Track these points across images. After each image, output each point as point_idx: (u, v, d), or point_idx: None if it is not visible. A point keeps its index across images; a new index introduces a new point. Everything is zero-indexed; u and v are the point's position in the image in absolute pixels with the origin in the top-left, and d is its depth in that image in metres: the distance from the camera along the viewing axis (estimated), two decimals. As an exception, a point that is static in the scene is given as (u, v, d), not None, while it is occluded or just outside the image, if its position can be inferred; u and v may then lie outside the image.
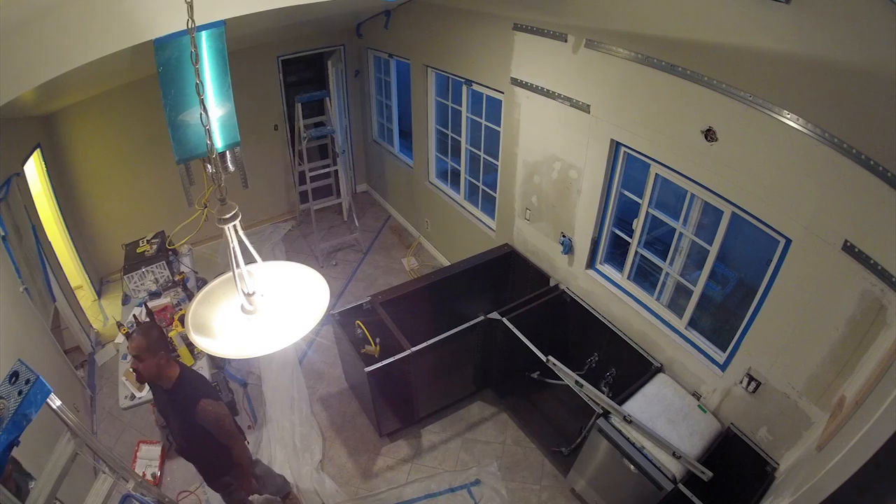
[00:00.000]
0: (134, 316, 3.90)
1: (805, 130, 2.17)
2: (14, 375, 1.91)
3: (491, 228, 4.87)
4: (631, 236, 3.47)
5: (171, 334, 3.60)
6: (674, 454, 2.71)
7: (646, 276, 3.62)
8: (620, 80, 3.04)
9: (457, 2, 4.16)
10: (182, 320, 3.70)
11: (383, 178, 6.91)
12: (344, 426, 4.14)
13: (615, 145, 3.28)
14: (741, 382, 2.84)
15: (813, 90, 2.12)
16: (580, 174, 3.57)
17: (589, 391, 3.09)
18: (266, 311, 1.47)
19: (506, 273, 4.58)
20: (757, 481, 2.73)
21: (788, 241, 2.44)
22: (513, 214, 4.42)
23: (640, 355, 3.48)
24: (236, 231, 1.42)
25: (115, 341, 4.21)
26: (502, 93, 4.06)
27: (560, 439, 3.77)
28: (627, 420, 2.90)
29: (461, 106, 4.75)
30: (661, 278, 3.39)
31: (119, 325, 3.71)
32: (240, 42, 4.84)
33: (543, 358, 3.41)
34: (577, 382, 3.15)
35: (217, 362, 4.07)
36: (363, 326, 3.82)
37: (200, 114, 1.34)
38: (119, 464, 2.33)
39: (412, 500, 3.59)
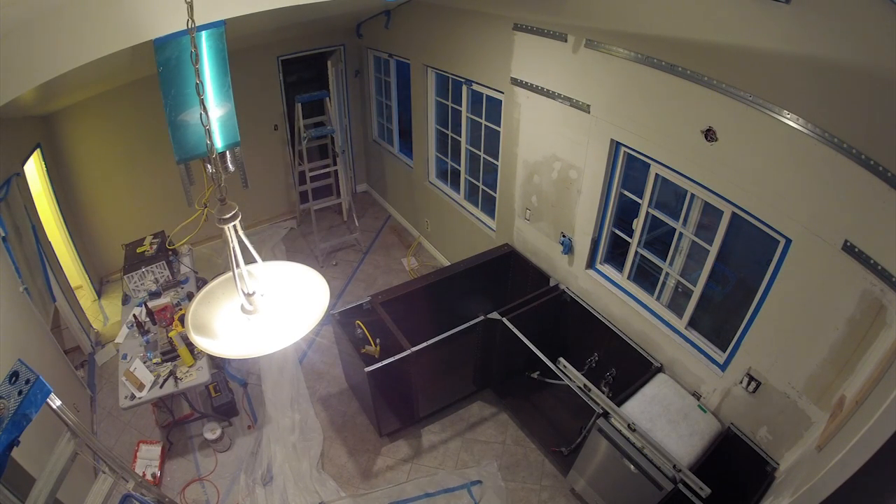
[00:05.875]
0: (134, 316, 3.91)
1: (805, 130, 2.17)
2: (14, 375, 1.91)
3: (491, 228, 4.87)
4: (631, 236, 3.47)
5: (171, 334, 3.61)
6: (674, 467, 2.70)
7: (646, 276, 3.62)
8: (620, 80, 3.04)
9: (457, 2, 4.16)
10: (182, 320, 3.70)
11: (383, 178, 6.91)
12: (344, 426, 4.14)
13: (615, 145, 3.28)
14: (741, 382, 2.84)
15: (813, 90, 2.12)
16: (580, 174, 3.57)
17: (596, 396, 3.08)
18: (266, 311, 1.47)
19: (506, 273, 4.57)
20: (757, 481, 2.73)
21: (788, 241, 2.44)
22: (513, 214, 4.42)
23: (640, 355, 3.48)
24: (236, 231, 1.42)
25: (115, 341, 4.21)
26: (502, 93, 4.06)
27: (560, 439, 3.77)
28: (632, 429, 2.89)
29: (461, 106, 4.75)
30: (661, 278, 3.39)
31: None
32: (240, 42, 4.84)
33: (548, 363, 3.41)
34: (584, 386, 3.15)
35: (217, 362, 4.08)
36: (363, 326, 3.82)
37: (200, 114, 1.34)
38: (119, 464, 2.33)
39: (412, 500, 3.59)
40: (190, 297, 4.12)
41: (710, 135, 2.61)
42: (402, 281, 5.25)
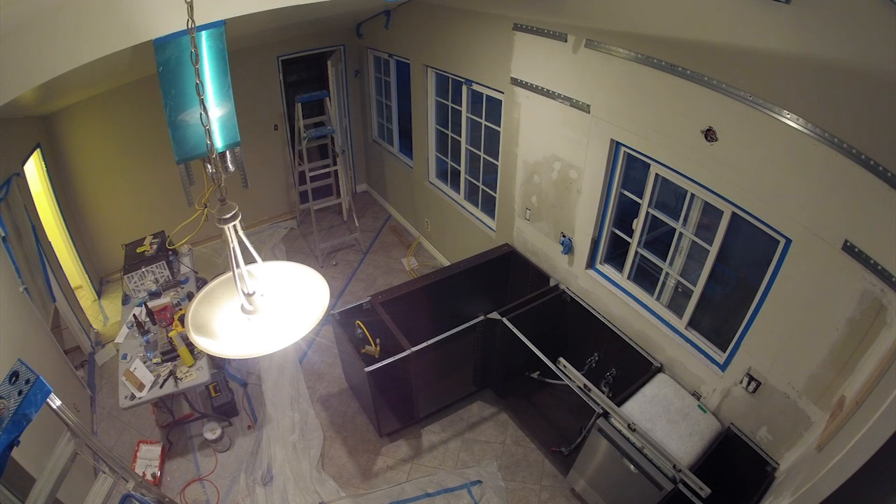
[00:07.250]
0: (134, 316, 3.91)
1: (805, 130, 2.17)
2: (14, 375, 1.91)
3: (491, 228, 4.87)
4: (631, 236, 3.47)
5: (171, 334, 3.61)
6: (674, 467, 2.70)
7: (646, 275, 3.62)
8: (620, 80, 3.04)
9: (457, 2, 4.16)
10: (182, 320, 3.70)
11: (383, 178, 6.91)
12: (344, 426, 4.14)
13: (615, 145, 3.28)
14: (741, 382, 2.84)
15: (813, 90, 2.12)
16: (580, 174, 3.57)
17: (596, 396, 3.08)
18: (266, 311, 1.47)
19: (506, 273, 4.57)
20: (757, 481, 2.73)
21: (788, 241, 2.44)
22: (513, 214, 4.42)
23: (640, 355, 3.48)
24: (236, 231, 1.42)
25: (115, 341, 4.21)
26: (502, 93, 4.06)
27: (560, 439, 3.77)
28: (632, 429, 2.89)
29: (461, 106, 4.75)
30: (661, 278, 3.39)
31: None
32: (240, 42, 4.84)
33: (548, 362, 3.41)
34: (584, 386, 3.15)
35: (217, 362, 4.08)
36: (363, 326, 3.82)
37: (200, 114, 1.34)
38: (119, 464, 2.33)
39: (412, 500, 3.59)
40: (190, 297, 4.12)
41: (710, 135, 2.61)
42: (402, 281, 5.25)
